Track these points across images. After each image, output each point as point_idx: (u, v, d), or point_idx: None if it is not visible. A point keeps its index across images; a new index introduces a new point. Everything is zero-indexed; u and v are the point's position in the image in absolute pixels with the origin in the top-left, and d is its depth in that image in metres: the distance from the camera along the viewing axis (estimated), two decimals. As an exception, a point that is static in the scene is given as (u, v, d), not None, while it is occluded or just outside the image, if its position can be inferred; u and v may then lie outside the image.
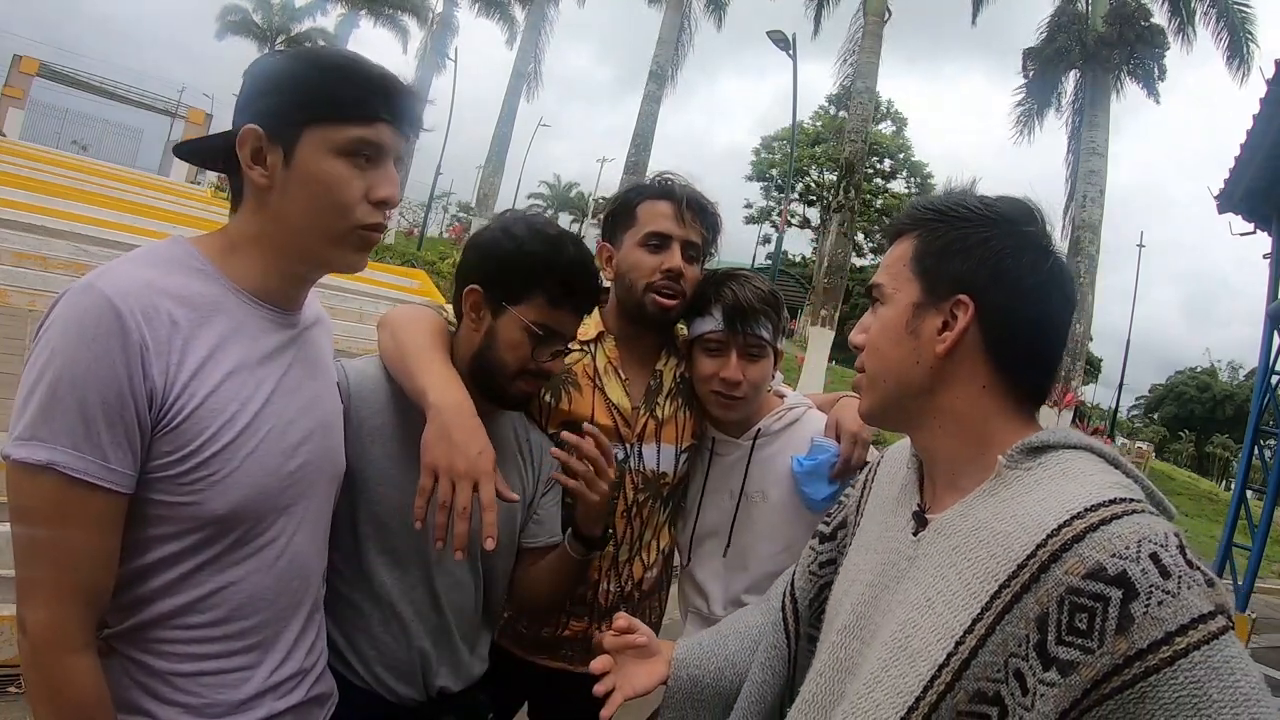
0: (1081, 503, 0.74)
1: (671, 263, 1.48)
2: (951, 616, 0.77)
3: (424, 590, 1.27)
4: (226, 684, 0.96)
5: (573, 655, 1.56)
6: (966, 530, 0.81)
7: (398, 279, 10.29)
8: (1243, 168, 6.60)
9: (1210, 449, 37.20)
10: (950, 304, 0.86)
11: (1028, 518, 0.76)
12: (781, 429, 1.54)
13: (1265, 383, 6.99)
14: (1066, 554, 0.71)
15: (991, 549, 0.77)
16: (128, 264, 0.90)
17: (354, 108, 0.94)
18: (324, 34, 32.07)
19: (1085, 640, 0.68)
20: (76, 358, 0.81)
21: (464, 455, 1.10)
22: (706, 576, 1.58)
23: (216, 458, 0.89)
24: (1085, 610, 0.69)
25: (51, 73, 22.57)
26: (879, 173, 38.04)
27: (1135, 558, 0.68)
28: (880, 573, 0.91)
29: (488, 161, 23.40)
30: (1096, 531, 0.71)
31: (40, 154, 12.15)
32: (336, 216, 0.95)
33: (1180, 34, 16.09)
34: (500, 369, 1.24)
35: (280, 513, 0.99)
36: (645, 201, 1.52)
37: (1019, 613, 0.73)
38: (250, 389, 0.94)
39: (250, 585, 0.96)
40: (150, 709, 0.91)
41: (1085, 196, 15.69)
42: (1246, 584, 6.61)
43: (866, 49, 15.66)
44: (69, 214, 7.35)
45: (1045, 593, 0.71)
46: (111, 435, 0.83)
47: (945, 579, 0.80)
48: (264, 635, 0.99)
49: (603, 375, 1.53)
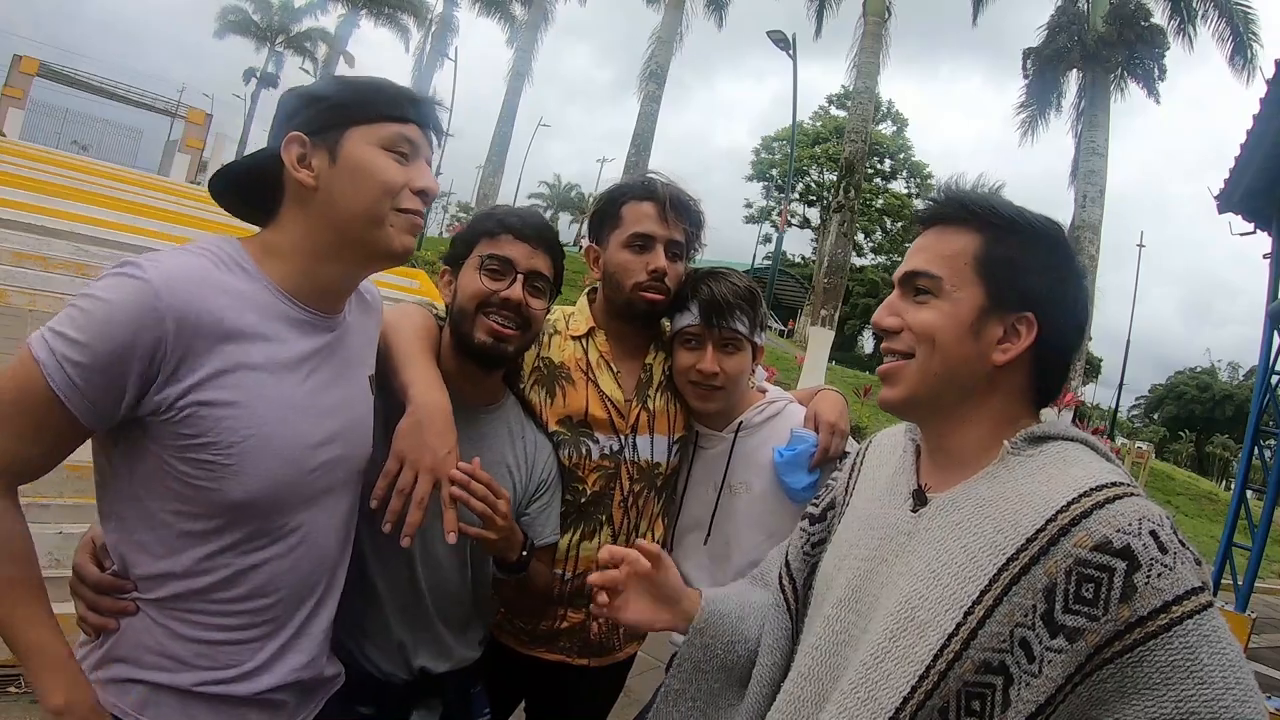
0: (1086, 484, 0.80)
1: (656, 263, 1.52)
2: (959, 588, 0.82)
3: (400, 565, 1.32)
4: (239, 655, 1.03)
5: (570, 647, 1.58)
6: (970, 507, 0.86)
7: (398, 279, 10.29)
8: (1243, 168, 6.60)
9: (1210, 449, 37.23)
10: (1015, 318, 0.90)
11: (1035, 496, 0.82)
12: (763, 421, 1.60)
13: (1265, 383, 6.99)
14: (1075, 528, 0.77)
15: (998, 524, 0.82)
16: (183, 254, 0.97)
17: (390, 109, 1.05)
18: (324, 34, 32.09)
19: (1091, 608, 0.74)
20: (110, 317, 0.89)
21: (432, 452, 1.17)
22: (690, 568, 1.61)
23: (234, 449, 0.95)
24: (1092, 580, 0.75)
25: (51, 73, 22.56)
26: (879, 173, 38.04)
27: (1138, 533, 0.75)
28: (877, 548, 0.95)
29: (488, 161, 23.42)
30: (1102, 509, 0.77)
31: (40, 154, 12.13)
32: (384, 197, 1.04)
33: (1181, 33, 16.09)
34: (463, 314, 1.32)
35: (304, 505, 1.05)
36: (629, 202, 1.56)
37: (1026, 584, 0.78)
38: (272, 387, 0.99)
39: (270, 570, 1.03)
40: (167, 668, 0.99)
41: (1085, 196, 15.69)
42: (1246, 584, 6.61)
43: (867, 49, 15.67)
44: (69, 214, 7.35)
45: (1054, 564, 0.77)
46: (103, 379, 0.89)
47: (949, 551, 0.85)
48: (277, 614, 1.05)
49: (595, 369, 1.57)
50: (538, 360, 1.56)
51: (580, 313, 1.64)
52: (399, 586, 1.32)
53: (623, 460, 1.55)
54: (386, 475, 1.16)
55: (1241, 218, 7.29)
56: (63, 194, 8.39)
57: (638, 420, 1.57)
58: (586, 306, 1.65)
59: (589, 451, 1.53)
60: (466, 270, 1.34)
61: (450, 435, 1.21)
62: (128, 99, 25.69)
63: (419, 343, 1.32)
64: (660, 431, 1.59)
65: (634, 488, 1.57)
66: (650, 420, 1.58)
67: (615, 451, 1.55)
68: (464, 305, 1.32)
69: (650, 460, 1.58)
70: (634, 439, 1.56)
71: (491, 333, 1.30)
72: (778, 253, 17.38)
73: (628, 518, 1.58)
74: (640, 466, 1.57)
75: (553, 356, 1.56)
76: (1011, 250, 0.91)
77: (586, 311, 1.64)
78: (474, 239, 1.35)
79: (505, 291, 1.30)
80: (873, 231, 37.97)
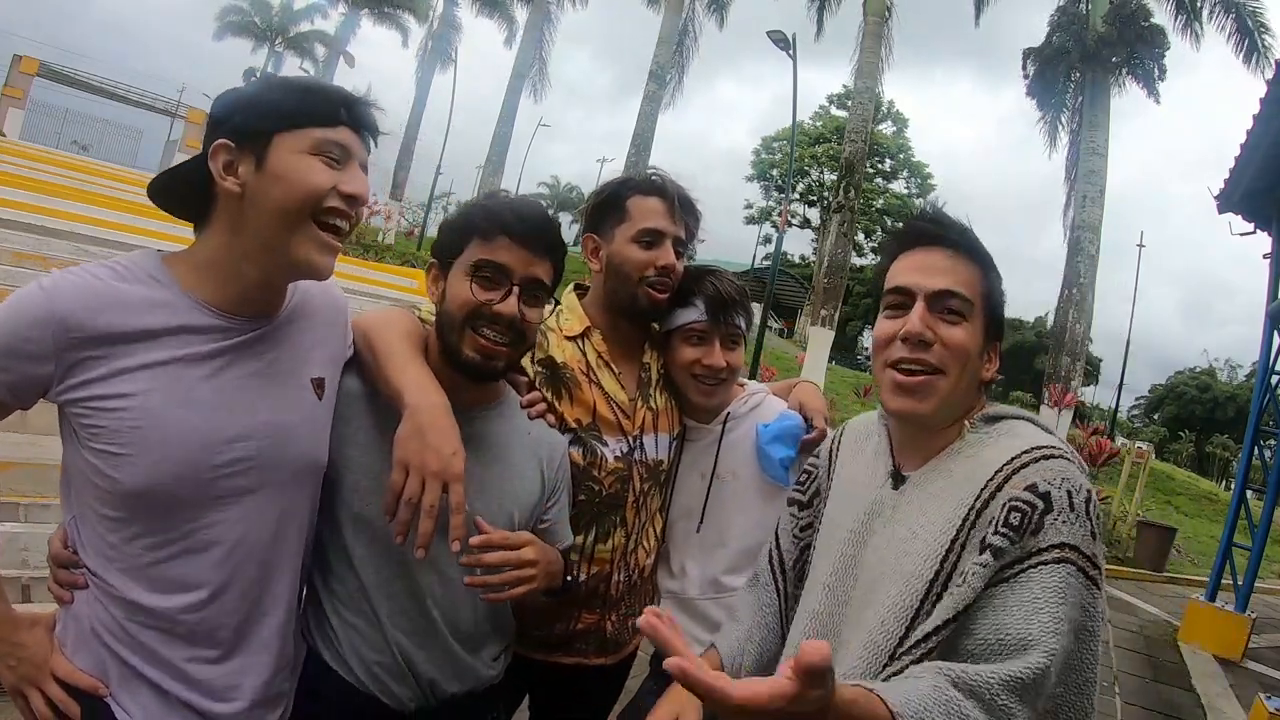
0: (1029, 444, 1.01)
1: (666, 259, 1.52)
2: (934, 541, 1.00)
3: (403, 585, 1.24)
4: (177, 651, 1.07)
5: (587, 649, 1.58)
6: (941, 480, 1.05)
7: (398, 279, 10.30)
8: (1243, 168, 6.59)
9: (1210, 449, 37.21)
10: (994, 343, 1.11)
11: (990, 460, 1.02)
12: (748, 412, 1.64)
13: (1265, 383, 6.98)
14: (1015, 475, 0.97)
15: (962, 487, 1.02)
16: (85, 270, 1.03)
17: (318, 114, 1.04)
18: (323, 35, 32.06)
19: (1015, 533, 0.93)
20: (8, 319, 0.98)
21: (437, 454, 1.10)
22: (683, 558, 1.64)
23: (127, 435, 0.99)
24: (1020, 511, 0.94)
25: (51, 73, 22.54)
26: (880, 172, 38.03)
27: (1058, 485, 0.95)
28: (864, 522, 1.12)
29: (487, 162, 23.39)
30: (1037, 463, 0.98)
31: (40, 154, 12.14)
32: (308, 201, 1.03)
33: (1188, 29, 16.03)
34: (450, 323, 1.22)
35: (215, 504, 1.06)
36: (636, 196, 1.54)
37: (981, 522, 0.97)
38: (169, 382, 1.02)
39: (184, 567, 1.05)
40: (110, 646, 1.06)
41: (1085, 196, 15.67)
42: (1246, 584, 6.60)
43: (867, 49, 15.67)
44: (69, 214, 7.34)
45: (997, 503, 0.96)
46: (6, 364, 0.98)
47: (927, 515, 1.04)
48: (206, 616, 1.07)
49: (596, 370, 1.55)
50: (539, 363, 1.52)
51: (571, 311, 1.59)
52: (400, 602, 1.24)
53: (634, 461, 1.55)
54: (393, 487, 1.10)
55: (1241, 218, 7.28)
56: (63, 194, 8.39)
57: (644, 421, 1.57)
58: (577, 304, 1.60)
59: (603, 456, 1.52)
60: (456, 274, 1.22)
61: (454, 435, 1.14)
62: (128, 99, 25.66)
63: (406, 346, 1.23)
64: (664, 429, 1.60)
65: (643, 487, 1.57)
66: (654, 419, 1.58)
67: (627, 454, 1.54)
68: (452, 313, 1.21)
69: (656, 459, 1.59)
70: (641, 439, 1.56)
71: (480, 350, 1.20)
72: (778, 253, 17.33)
73: (639, 517, 1.58)
74: (649, 466, 1.57)
75: (554, 355, 1.52)
76: (995, 285, 1.10)
77: (579, 309, 1.59)
78: (467, 233, 1.23)
79: (498, 305, 1.19)
80: (873, 231, 37.93)
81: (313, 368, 1.17)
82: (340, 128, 1.05)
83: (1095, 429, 13.17)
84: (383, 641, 1.23)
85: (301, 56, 32.83)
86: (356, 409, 1.25)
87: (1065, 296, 15.38)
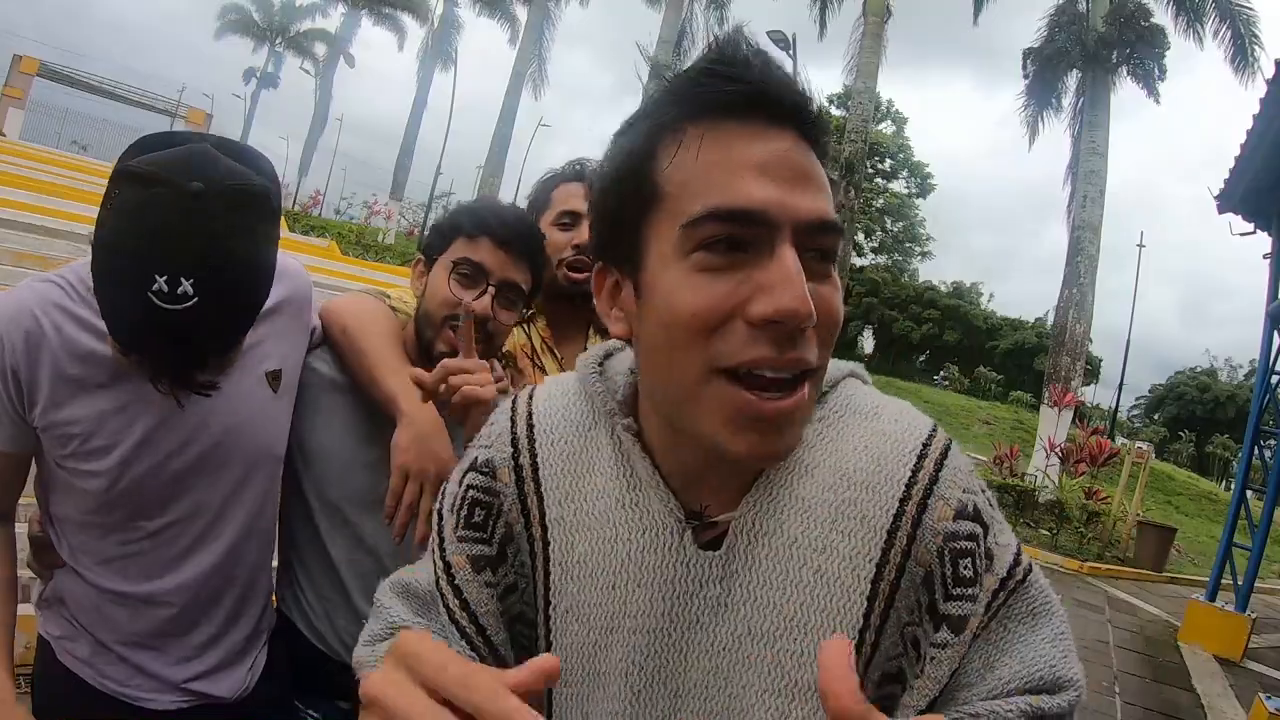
0: (913, 440, 0.64)
1: (581, 238, 1.54)
2: (837, 622, 0.61)
3: (372, 563, 1.28)
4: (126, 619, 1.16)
5: None
6: (794, 517, 0.63)
7: (398, 279, 10.29)
8: (1243, 168, 6.61)
9: (1210, 449, 37.21)
10: None
11: (863, 473, 0.62)
12: None
13: (1265, 383, 6.99)
14: (930, 500, 0.61)
15: (843, 527, 0.62)
16: (43, 284, 1.08)
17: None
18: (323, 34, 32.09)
19: (971, 588, 0.60)
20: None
21: (436, 459, 1.15)
22: None
23: (85, 458, 1.07)
24: (966, 554, 0.61)
25: (52, 73, 22.55)
26: (879, 172, 38.06)
27: (977, 490, 0.63)
28: (668, 612, 0.64)
29: (487, 162, 23.42)
30: (944, 469, 0.62)
31: (40, 154, 12.10)
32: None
33: (1190, 30, 16.03)
34: (428, 319, 1.25)
35: (170, 502, 1.13)
36: (560, 185, 1.61)
37: (908, 580, 0.61)
38: (117, 419, 1.08)
39: (151, 557, 1.14)
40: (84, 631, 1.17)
41: (1085, 197, 15.67)
42: (1246, 584, 6.61)
43: (867, 48, 15.68)
44: (69, 214, 7.32)
45: (924, 549, 0.61)
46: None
47: (799, 585, 0.62)
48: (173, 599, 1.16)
49: (541, 355, 1.60)
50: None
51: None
52: (366, 578, 1.27)
53: None
54: (394, 494, 1.14)
55: (1241, 218, 7.30)
56: (63, 194, 8.38)
57: None
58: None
59: None
60: (438, 271, 1.27)
61: (449, 442, 1.19)
62: (128, 99, 25.66)
63: (394, 349, 1.27)
64: None
65: None
66: None
67: None
68: (431, 310, 1.25)
69: None
70: None
71: (452, 345, 1.23)
72: (778, 253, 17.28)
73: None
74: None
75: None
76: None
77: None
78: (452, 232, 1.27)
79: (473, 303, 1.22)
80: (873, 231, 37.97)
81: (269, 361, 1.20)
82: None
83: (1095, 429, 13.16)
84: (353, 614, 1.29)
85: (302, 56, 32.88)
86: (326, 399, 1.29)
87: (1065, 296, 15.37)
